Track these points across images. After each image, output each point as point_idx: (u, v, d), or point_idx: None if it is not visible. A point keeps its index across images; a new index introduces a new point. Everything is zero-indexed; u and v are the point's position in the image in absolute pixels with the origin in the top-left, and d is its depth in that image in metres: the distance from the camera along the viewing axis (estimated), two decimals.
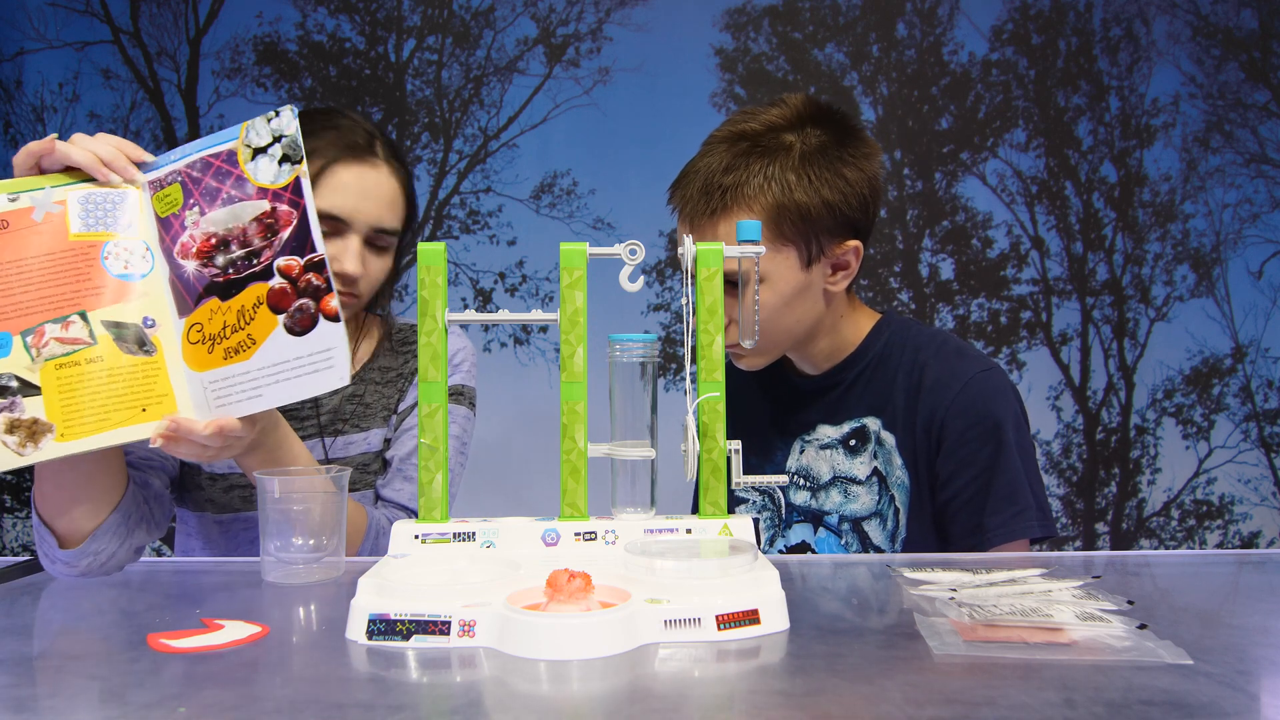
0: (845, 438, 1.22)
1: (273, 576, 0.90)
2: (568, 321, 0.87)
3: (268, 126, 0.93)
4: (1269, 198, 2.29)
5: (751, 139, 1.15)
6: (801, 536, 1.25)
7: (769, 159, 1.13)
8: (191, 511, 1.21)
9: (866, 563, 0.99)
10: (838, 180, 1.14)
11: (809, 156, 1.14)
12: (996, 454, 1.13)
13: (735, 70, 2.30)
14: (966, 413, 1.14)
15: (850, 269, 1.19)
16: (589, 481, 0.87)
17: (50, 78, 2.34)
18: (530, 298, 2.33)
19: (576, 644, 0.65)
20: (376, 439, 1.24)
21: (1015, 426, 1.15)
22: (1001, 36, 2.30)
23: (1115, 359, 2.30)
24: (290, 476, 0.92)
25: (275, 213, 0.91)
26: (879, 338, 1.24)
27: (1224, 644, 0.69)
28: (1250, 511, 2.30)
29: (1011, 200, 2.31)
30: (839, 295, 1.22)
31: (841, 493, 1.21)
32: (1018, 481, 1.13)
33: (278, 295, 0.91)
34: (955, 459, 1.15)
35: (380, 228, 1.17)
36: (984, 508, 1.13)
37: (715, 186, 1.14)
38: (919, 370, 1.19)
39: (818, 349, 1.25)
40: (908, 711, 0.55)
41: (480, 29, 2.32)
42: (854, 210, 1.15)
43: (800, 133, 1.15)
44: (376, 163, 1.18)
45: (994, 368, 1.19)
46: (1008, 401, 1.16)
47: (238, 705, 0.58)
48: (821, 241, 1.15)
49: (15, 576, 0.98)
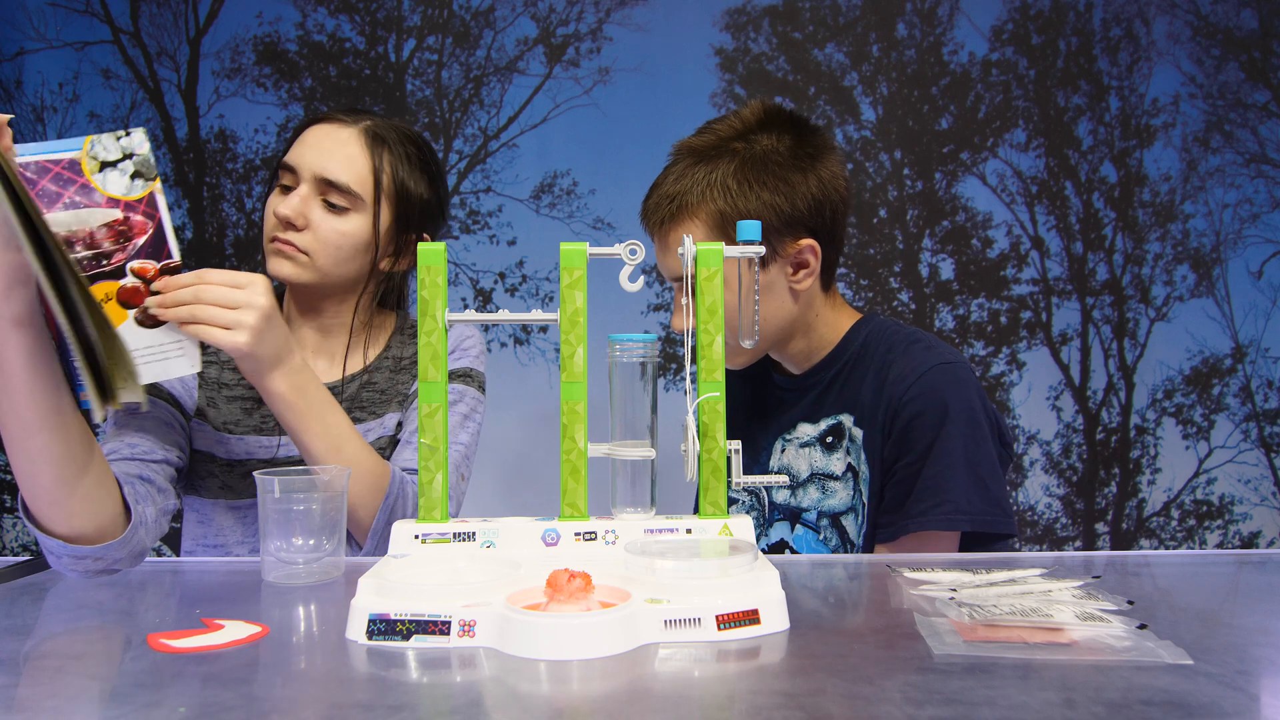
0: (822, 435, 1.24)
1: (273, 576, 0.90)
2: (568, 321, 0.87)
3: (116, 144, 0.99)
4: (1269, 198, 2.29)
5: (697, 153, 1.22)
6: (780, 535, 1.26)
7: (711, 167, 1.19)
8: (205, 499, 1.21)
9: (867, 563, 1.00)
10: (780, 184, 1.18)
11: (750, 163, 1.19)
12: (934, 442, 1.13)
13: (735, 70, 2.30)
14: (917, 399, 1.15)
15: (811, 267, 1.21)
16: (589, 481, 0.87)
17: (50, 78, 2.34)
18: (530, 298, 2.33)
19: (576, 644, 0.65)
20: (391, 423, 1.26)
21: (966, 419, 1.13)
22: (1001, 36, 2.29)
23: (1115, 359, 2.30)
24: (290, 477, 0.92)
25: (129, 221, 1.00)
26: (856, 337, 1.25)
27: (1224, 644, 0.69)
28: (1250, 511, 2.30)
29: (1011, 200, 2.30)
30: (815, 295, 1.24)
31: (819, 489, 1.23)
32: (948, 472, 1.12)
33: (129, 293, 1.00)
34: (899, 443, 1.15)
35: (327, 178, 1.18)
36: (910, 492, 1.13)
37: (666, 197, 1.22)
38: (886, 366, 1.20)
39: (795, 348, 1.27)
40: (908, 711, 0.55)
41: (480, 29, 2.32)
42: (800, 211, 1.18)
43: (746, 141, 1.20)
44: (344, 123, 1.23)
45: (957, 361, 1.18)
46: (963, 393, 1.15)
47: (238, 705, 0.58)
48: (772, 243, 1.18)
49: (15, 576, 0.98)
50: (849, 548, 1.20)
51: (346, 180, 1.19)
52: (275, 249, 1.20)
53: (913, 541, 1.13)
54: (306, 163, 1.19)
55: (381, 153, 1.22)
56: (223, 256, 2.33)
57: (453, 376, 1.30)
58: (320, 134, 1.22)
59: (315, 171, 1.19)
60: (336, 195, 1.19)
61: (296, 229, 1.19)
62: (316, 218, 1.19)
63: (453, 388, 1.29)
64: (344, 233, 1.20)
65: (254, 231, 2.31)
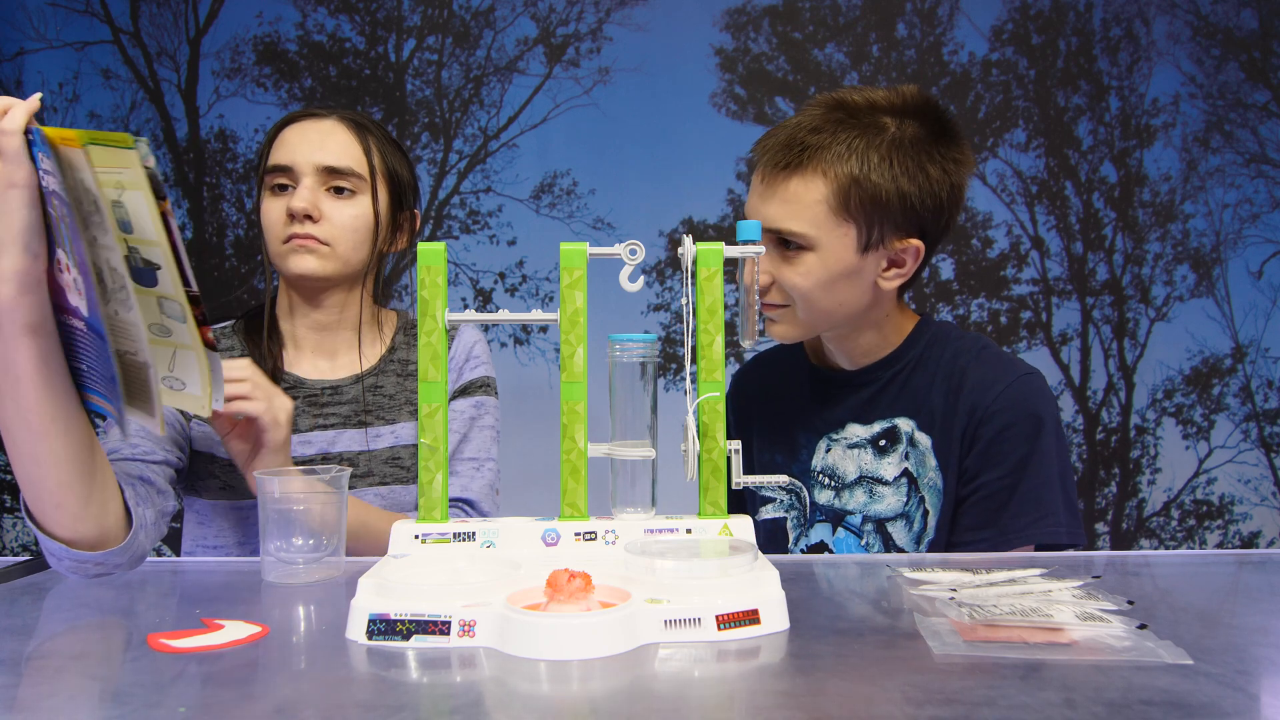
0: (875, 438, 1.20)
1: (273, 576, 0.90)
2: (568, 321, 0.87)
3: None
4: (1269, 198, 2.29)
5: (849, 109, 1.14)
6: (820, 536, 1.23)
7: (858, 132, 1.12)
8: (205, 500, 1.21)
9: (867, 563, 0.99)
10: (919, 174, 1.12)
11: (899, 143, 1.12)
12: (1030, 454, 1.11)
13: (735, 70, 2.30)
14: (1008, 410, 1.12)
15: (906, 269, 1.16)
16: (589, 481, 0.87)
17: (50, 78, 2.34)
18: (530, 298, 2.33)
19: (576, 644, 0.65)
20: (405, 433, 1.26)
21: (1054, 431, 1.13)
22: (1001, 36, 2.30)
23: (1115, 359, 2.30)
24: (290, 476, 0.92)
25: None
26: (919, 339, 1.22)
27: (1224, 644, 0.69)
28: (1250, 511, 2.30)
29: (1011, 200, 2.30)
30: (889, 296, 1.19)
31: (867, 493, 1.20)
32: (1048, 484, 1.11)
33: None
34: (987, 455, 1.12)
35: (330, 166, 1.20)
36: (1007, 506, 1.11)
37: (798, 142, 1.12)
38: (959, 373, 1.17)
39: (859, 344, 1.22)
40: (908, 711, 0.55)
41: (480, 29, 2.32)
42: (926, 208, 1.13)
43: (899, 119, 1.14)
44: (321, 116, 1.24)
45: (1036, 372, 1.17)
46: (1049, 405, 1.15)
47: (238, 705, 0.58)
48: (884, 230, 1.13)
49: (15, 576, 0.98)
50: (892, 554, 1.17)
51: (349, 164, 1.22)
52: (294, 246, 1.20)
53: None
54: (303, 157, 1.20)
55: (367, 137, 1.25)
56: (223, 257, 2.34)
57: (473, 388, 1.30)
58: (303, 130, 1.23)
59: (316, 163, 1.20)
60: (341, 180, 1.21)
61: (313, 221, 1.19)
62: (328, 208, 1.21)
63: (477, 400, 1.29)
64: (355, 215, 1.22)
65: (254, 231, 2.31)
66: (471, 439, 1.28)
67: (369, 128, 1.26)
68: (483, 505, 1.25)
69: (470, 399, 1.29)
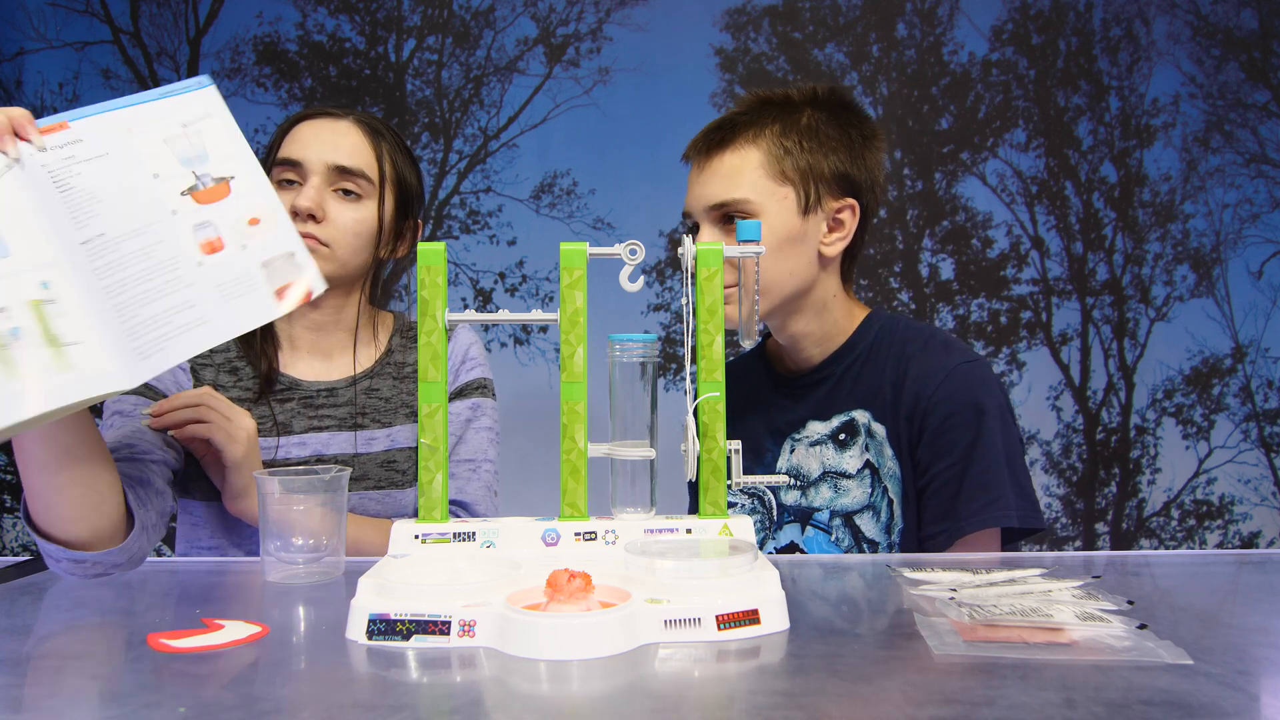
0: (834, 432, 1.23)
1: (273, 576, 0.90)
2: (568, 321, 0.87)
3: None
4: (1269, 198, 2.29)
5: (768, 99, 1.24)
6: (790, 537, 1.24)
7: (781, 110, 1.22)
8: (199, 501, 1.21)
9: (866, 563, 0.99)
10: (845, 141, 1.21)
11: (818, 121, 1.21)
12: (975, 441, 1.13)
13: (735, 70, 2.30)
14: (949, 400, 1.15)
15: (845, 230, 1.22)
16: (589, 481, 0.87)
17: (50, 78, 2.34)
18: (530, 298, 2.33)
19: (576, 644, 0.65)
20: (402, 436, 1.25)
21: (998, 416, 1.15)
22: (1001, 36, 2.30)
23: (1115, 359, 2.30)
24: (290, 476, 0.92)
25: None
26: (868, 331, 1.25)
27: (1224, 644, 0.69)
28: (1250, 511, 2.30)
29: (1011, 200, 2.31)
30: (833, 271, 1.24)
31: (832, 488, 1.22)
32: (995, 469, 1.13)
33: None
34: (934, 445, 1.15)
35: (341, 166, 1.19)
36: (958, 494, 1.13)
37: (726, 122, 1.22)
38: (905, 361, 1.20)
39: (804, 328, 1.25)
40: (908, 711, 0.55)
41: (480, 29, 2.32)
42: (856, 175, 1.21)
43: (814, 106, 1.23)
44: (337, 116, 1.24)
45: (979, 359, 1.20)
46: (991, 391, 1.17)
47: (238, 705, 0.58)
48: (819, 190, 1.19)
49: (15, 576, 0.98)
50: (864, 547, 1.19)
51: (360, 166, 1.21)
52: None
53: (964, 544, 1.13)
54: (315, 154, 1.19)
55: (380, 141, 1.24)
56: None
57: (469, 390, 1.30)
58: (318, 127, 1.22)
59: (327, 161, 1.19)
60: (350, 182, 1.20)
61: (316, 221, 1.18)
62: (333, 209, 1.19)
63: (473, 402, 1.29)
64: (360, 220, 1.21)
65: None
66: (467, 440, 1.28)
67: (383, 133, 1.25)
68: (478, 507, 1.25)
69: (466, 401, 1.29)
